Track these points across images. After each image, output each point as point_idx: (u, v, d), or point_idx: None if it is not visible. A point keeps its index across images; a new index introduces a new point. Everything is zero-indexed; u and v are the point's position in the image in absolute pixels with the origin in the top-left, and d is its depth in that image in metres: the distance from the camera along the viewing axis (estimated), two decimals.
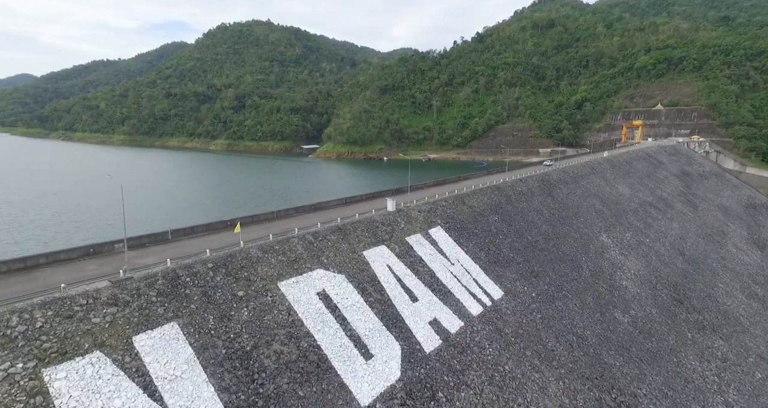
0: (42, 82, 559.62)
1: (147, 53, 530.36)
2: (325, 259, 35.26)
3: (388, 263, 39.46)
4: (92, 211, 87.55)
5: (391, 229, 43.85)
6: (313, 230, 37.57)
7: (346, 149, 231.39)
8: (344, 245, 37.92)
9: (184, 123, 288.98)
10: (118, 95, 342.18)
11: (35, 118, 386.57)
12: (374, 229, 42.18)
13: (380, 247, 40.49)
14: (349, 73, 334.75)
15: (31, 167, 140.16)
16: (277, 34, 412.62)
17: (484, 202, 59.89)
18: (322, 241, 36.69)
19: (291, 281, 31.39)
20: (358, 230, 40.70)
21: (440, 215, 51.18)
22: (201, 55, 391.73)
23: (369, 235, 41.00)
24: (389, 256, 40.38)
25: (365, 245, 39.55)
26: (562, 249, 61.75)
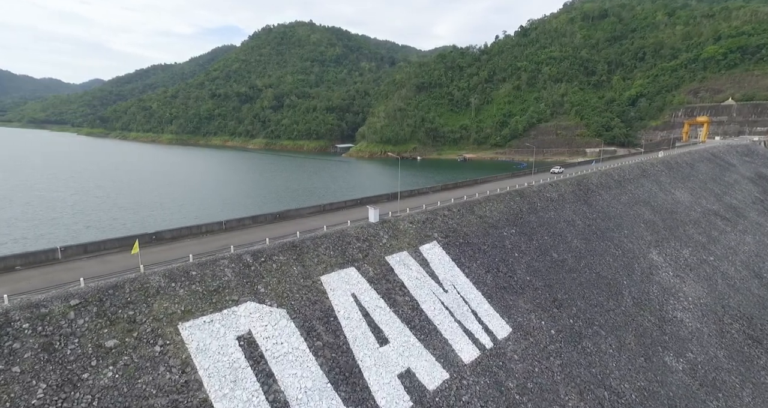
0: (108, 85, 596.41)
1: (199, 56, 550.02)
2: (262, 287, 26.85)
3: (354, 292, 30.47)
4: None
5: (368, 246, 34.78)
6: (257, 248, 29.28)
7: (379, 148, 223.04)
8: (296, 268, 29.35)
9: (226, 122, 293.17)
10: (169, 97, 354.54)
11: (98, 119, 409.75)
12: (343, 246, 33.31)
13: (347, 270, 31.57)
14: (388, 72, 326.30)
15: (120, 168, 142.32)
16: (319, 35, 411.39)
17: (500, 210, 49.26)
18: (265, 263, 28.31)
19: (201, 322, 23.23)
20: (321, 247, 31.99)
21: (438, 227, 41.41)
22: (246, 57, 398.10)
23: (335, 254, 32.18)
24: (358, 281, 31.36)
25: (326, 268, 30.77)
26: (597, 270, 49.92)
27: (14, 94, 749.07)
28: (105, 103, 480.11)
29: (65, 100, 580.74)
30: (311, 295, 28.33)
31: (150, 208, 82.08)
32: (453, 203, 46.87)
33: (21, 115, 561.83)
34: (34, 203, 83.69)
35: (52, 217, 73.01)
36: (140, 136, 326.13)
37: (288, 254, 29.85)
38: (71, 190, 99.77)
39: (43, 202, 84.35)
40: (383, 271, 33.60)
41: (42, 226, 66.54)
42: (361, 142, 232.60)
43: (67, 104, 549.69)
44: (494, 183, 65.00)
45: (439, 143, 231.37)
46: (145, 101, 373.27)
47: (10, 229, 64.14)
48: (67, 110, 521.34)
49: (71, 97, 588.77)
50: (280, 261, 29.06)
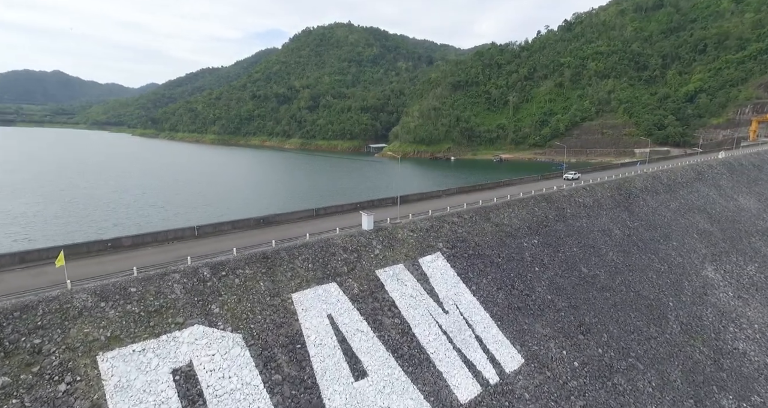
0: (161, 89, 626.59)
1: (244, 60, 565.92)
2: (217, 307, 22.89)
3: (331, 312, 25.96)
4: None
5: (356, 258, 30.14)
6: (221, 259, 25.39)
7: (412, 148, 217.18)
8: (263, 284, 25.22)
9: (264, 123, 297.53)
10: (213, 98, 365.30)
11: (150, 120, 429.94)
12: (326, 258, 28.86)
13: (326, 287, 27.09)
14: (425, 71, 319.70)
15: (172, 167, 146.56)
16: (356, 35, 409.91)
17: (521, 217, 43.12)
18: (225, 278, 24.36)
19: (129, 351, 19.51)
20: (299, 259, 27.70)
21: (444, 236, 36.10)
22: (286, 59, 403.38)
23: (314, 268, 27.80)
24: (338, 300, 26.82)
25: (301, 283, 26.45)
26: (637, 288, 42.70)
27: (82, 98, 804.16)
28: (157, 106, 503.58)
29: (123, 103, 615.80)
30: (277, 317, 24.09)
31: (180, 206, 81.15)
32: (465, 209, 41.26)
33: (86, 118, 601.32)
34: (74, 200, 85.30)
35: (80, 214, 73.52)
36: (186, 137, 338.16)
37: (256, 267, 25.76)
38: (113, 187, 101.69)
39: (82, 199, 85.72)
40: (371, 287, 28.85)
41: (52, 224, 66.83)
42: (394, 142, 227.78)
43: (125, 107, 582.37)
44: (519, 186, 58.45)
45: (475, 143, 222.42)
46: (192, 103, 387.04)
47: (22, 227, 64.60)
48: (124, 113, 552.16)
49: (129, 101, 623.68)
50: (244, 275, 25.02)
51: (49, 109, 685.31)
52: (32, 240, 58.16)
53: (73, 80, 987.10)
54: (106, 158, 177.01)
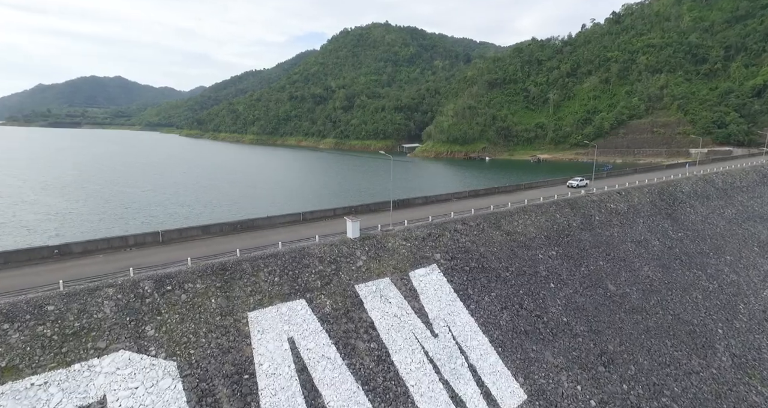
0: (208, 91, 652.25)
1: (285, 62, 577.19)
2: (152, 329, 19.95)
3: (293, 335, 22.47)
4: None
5: (334, 270, 26.49)
6: (170, 271, 22.51)
7: (445, 148, 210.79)
8: (215, 301, 22.11)
9: (301, 123, 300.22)
10: (254, 100, 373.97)
11: (195, 121, 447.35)
12: (297, 270, 25.42)
13: (292, 304, 23.64)
14: (461, 70, 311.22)
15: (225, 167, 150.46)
16: (393, 35, 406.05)
17: (538, 225, 37.89)
18: (170, 294, 21.43)
19: (24, 385, 16.76)
20: (264, 271, 24.41)
21: (443, 246, 31.74)
22: (324, 60, 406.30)
23: (281, 281, 24.42)
24: (305, 320, 23.28)
25: (261, 300, 23.14)
26: (676, 310, 36.43)
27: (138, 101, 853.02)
28: (204, 107, 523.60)
29: (174, 105, 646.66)
30: (225, 340, 20.86)
31: (206, 205, 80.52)
32: (472, 215, 36.59)
33: (141, 120, 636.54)
34: (107, 198, 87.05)
35: (105, 211, 74.22)
36: (227, 137, 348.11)
37: (210, 280, 22.68)
38: (148, 186, 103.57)
39: (116, 197, 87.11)
40: (347, 305, 25.11)
41: (83, 221, 67.59)
42: (428, 142, 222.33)
43: (174, 109, 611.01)
44: (542, 189, 52.80)
45: (511, 143, 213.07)
46: (234, 104, 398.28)
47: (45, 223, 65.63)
48: (174, 114, 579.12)
49: (178, 103, 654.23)
50: (194, 290, 21.99)
51: (110, 111, 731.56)
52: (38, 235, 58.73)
53: (131, 85, 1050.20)
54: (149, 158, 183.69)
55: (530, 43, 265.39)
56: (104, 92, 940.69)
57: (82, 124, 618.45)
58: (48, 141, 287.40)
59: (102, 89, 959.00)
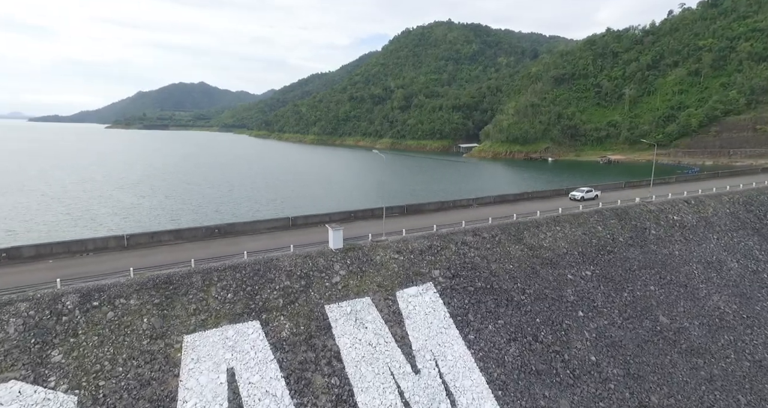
0: (277, 94, 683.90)
1: (348, 64, 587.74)
2: (61, 355, 17.69)
3: (234, 365, 19.43)
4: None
5: (303, 286, 23.17)
6: (105, 283, 20.36)
7: (504, 148, 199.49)
8: (148, 320, 19.67)
9: (359, 123, 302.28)
10: (316, 101, 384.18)
11: (263, 123, 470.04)
12: (258, 285, 22.43)
13: (243, 326, 20.65)
14: (527, 66, 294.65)
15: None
16: (456, 33, 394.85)
17: (572, 238, 31.82)
18: (95, 311, 19.21)
19: None
20: (216, 286, 21.68)
21: (443, 261, 27.18)
22: (385, 61, 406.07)
23: (235, 298, 21.53)
24: (253, 346, 20.15)
25: (206, 320, 20.37)
26: (758, 355, 28.62)
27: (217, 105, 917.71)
28: (273, 109, 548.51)
29: (246, 108, 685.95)
30: (147, 370, 18.20)
31: (261, 203, 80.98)
32: (489, 224, 31.42)
33: (218, 122, 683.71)
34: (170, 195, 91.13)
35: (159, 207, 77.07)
36: (290, 137, 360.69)
37: (148, 295, 20.27)
38: (209, 184, 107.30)
39: (178, 194, 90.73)
40: (311, 329, 21.62)
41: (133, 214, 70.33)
42: (485, 142, 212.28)
43: (247, 111, 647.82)
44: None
45: (579, 142, 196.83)
46: (298, 106, 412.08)
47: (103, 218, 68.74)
48: (246, 116, 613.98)
49: (251, 105, 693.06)
50: (125, 307, 19.64)
51: (193, 114, 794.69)
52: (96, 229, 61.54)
53: (212, 90, 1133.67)
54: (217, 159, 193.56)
55: (605, 34, 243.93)
56: (190, 97, 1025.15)
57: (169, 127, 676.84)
58: (142, 141, 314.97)
59: (188, 94, 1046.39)
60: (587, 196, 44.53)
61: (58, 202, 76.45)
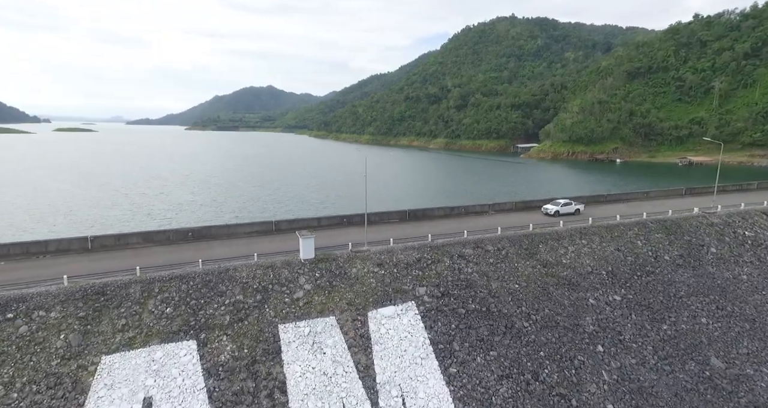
0: (337, 96, 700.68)
1: (407, 64, 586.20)
2: None
3: (152, 394, 17.48)
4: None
5: (258, 302, 20.86)
6: (30, 292, 19.16)
7: (566, 148, 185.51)
8: (65, 336, 18.16)
9: (414, 123, 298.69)
10: (373, 102, 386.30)
11: (322, 123, 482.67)
12: (206, 299, 20.45)
13: (175, 346, 18.66)
14: (597, 60, 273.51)
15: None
16: (519, 28, 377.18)
17: (600, 255, 26.75)
18: (6, 325, 17.91)
19: None
20: (157, 298, 19.98)
21: (433, 277, 23.64)
22: (443, 59, 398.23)
23: (174, 314, 19.66)
24: (182, 371, 18.07)
25: (133, 339, 18.58)
26: None
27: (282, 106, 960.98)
28: (332, 110, 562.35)
29: (308, 109, 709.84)
30: (47, 397, 16.30)
31: (308, 202, 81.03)
32: (497, 235, 27.18)
33: (282, 123, 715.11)
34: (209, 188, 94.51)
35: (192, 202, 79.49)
36: (347, 137, 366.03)
37: (73, 308, 18.85)
38: (259, 182, 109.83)
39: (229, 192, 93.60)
40: (257, 352, 19.17)
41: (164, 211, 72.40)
42: (545, 142, 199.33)
43: (309, 112, 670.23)
44: (634, 203, 38.79)
45: (654, 142, 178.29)
46: (356, 107, 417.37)
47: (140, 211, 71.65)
48: (308, 117, 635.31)
49: (312, 107, 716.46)
50: (43, 320, 18.29)
51: (261, 116, 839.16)
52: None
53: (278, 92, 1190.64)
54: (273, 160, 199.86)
55: (691, 21, 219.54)
56: (258, 100, 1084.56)
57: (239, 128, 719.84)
58: (216, 142, 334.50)
59: (257, 97, 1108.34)
60: (564, 210, 36.40)
61: (125, 197, 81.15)
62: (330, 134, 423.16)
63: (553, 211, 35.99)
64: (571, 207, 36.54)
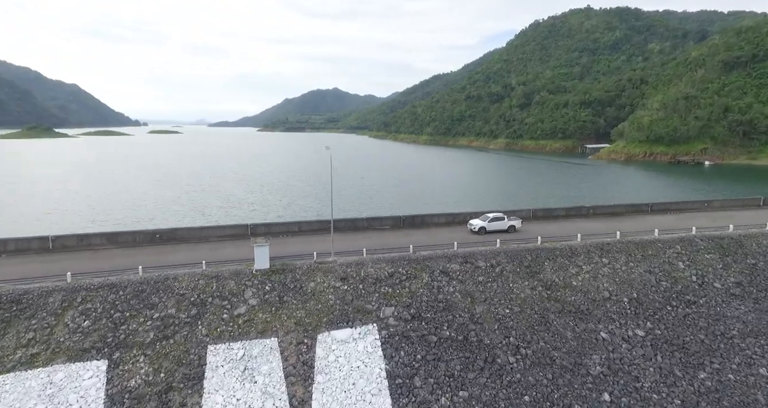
0: (399, 96, 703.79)
1: (470, 63, 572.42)
2: None
3: None
4: None
5: (192, 317, 19.13)
6: None
7: (642, 149, 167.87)
8: None
9: (474, 123, 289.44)
10: (433, 102, 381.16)
11: (382, 124, 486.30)
12: (131, 312, 19.05)
13: (79, 367, 17.22)
14: (687, 51, 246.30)
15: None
16: (595, 20, 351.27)
17: (626, 277, 22.14)
18: None
19: None
20: (77, 309, 18.77)
21: (403, 296, 20.67)
22: (508, 57, 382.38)
23: (92, 328, 18.27)
24: (81, 398, 16.56)
25: (36, 357, 17.26)
26: None
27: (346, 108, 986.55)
28: (393, 111, 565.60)
29: (370, 110, 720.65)
30: None
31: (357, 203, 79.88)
32: (495, 248, 23.30)
33: (345, 124, 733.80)
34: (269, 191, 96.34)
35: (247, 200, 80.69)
36: (405, 138, 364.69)
37: None
38: (310, 182, 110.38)
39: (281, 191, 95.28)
40: (176, 378, 17.29)
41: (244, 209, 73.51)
42: (618, 142, 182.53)
43: (370, 114, 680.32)
44: (686, 214, 32.32)
45: (756, 142, 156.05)
46: (415, 107, 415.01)
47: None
48: (369, 118, 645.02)
49: (374, 108, 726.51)
50: None
51: (325, 118, 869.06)
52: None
53: (343, 94, 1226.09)
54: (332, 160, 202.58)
55: None
56: (324, 102, 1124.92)
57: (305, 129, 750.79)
58: (285, 143, 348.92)
59: (322, 99, 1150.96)
60: (492, 226, 30.06)
61: (187, 194, 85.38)
62: (389, 135, 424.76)
63: (477, 227, 30.13)
64: (503, 223, 30.39)
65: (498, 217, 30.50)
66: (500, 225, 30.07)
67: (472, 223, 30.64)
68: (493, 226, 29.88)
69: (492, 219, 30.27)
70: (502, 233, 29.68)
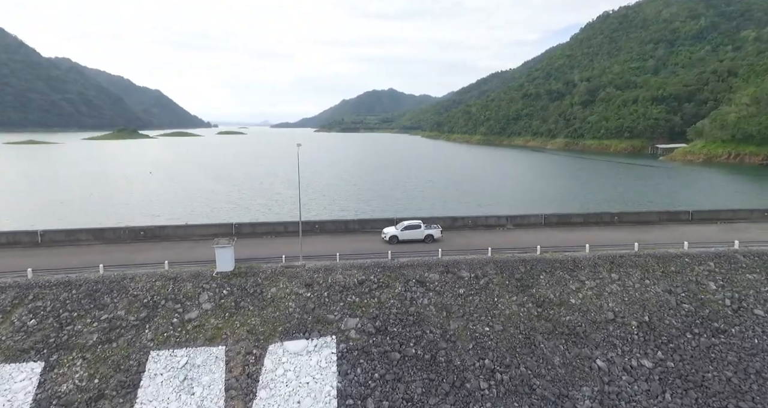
0: (454, 96, 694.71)
1: (531, 59, 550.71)
2: None
3: None
4: None
5: (141, 320, 18.87)
6: None
7: (726, 149, 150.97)
8: None
9: (531, 122, 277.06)
10: (489, 100, 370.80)
11: (435, 124, 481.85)
12: (80, 312, 19.05)
13: (14, 368, 17.08)
14: None
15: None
16: (675, 8, 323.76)
17: (638, 297, 19.55)
18: None
19: None
20: (25, 308, 18.94)
21: (371, 306, 19.30)
22: (572, 52, 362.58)
23: (38, 327, 18.31)
24: (10, 400, 16.42)
25: None
26: None
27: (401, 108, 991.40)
28: (447, 110, 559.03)
29: (424, 110, 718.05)
30: None
31: (397, 204, 78.77)
32: (486, 257, 21.06)
33: (399, 124, 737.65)
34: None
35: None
36: (458, 138, 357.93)
37: None
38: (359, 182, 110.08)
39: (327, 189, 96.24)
40: (110, 385, 16.82)
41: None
42: (696, 142, 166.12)
43: (424, 113, 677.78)
44: (726, 225, 27.59)
45: None
46: (470, 106, 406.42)
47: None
48: (423, 118, 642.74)
49: (428, 108, 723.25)
50: None
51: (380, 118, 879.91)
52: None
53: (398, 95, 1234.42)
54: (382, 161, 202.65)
55: None
56: (379, 102, 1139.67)
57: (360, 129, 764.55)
58: (342, 143, 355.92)
59: (378, 100, 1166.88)
60: (405, 235, 27.03)
61: (239, 192, 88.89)
62: (441, 135, 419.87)
63: (388, 236, 27.25)
64: (418, 231, 27.42)
65: (413, 224, 27.92)
66: (415, 234, 27.45)
67: (384, 232, 28.03)
68: (406, 234, 27.33)
69: (405, 227, 27.75)
70: (418, 243, 27.01)
